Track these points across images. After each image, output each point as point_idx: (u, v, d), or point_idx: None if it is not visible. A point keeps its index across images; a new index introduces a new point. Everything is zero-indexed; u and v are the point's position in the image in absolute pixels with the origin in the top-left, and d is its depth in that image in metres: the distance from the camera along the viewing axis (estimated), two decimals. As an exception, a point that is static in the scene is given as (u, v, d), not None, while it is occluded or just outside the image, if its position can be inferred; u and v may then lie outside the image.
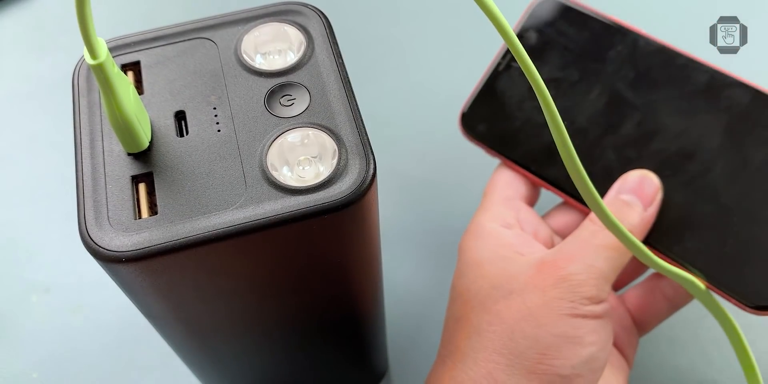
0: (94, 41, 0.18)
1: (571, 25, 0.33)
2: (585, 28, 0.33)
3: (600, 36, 0.33)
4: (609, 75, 0.32)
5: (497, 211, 0.31)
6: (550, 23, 0.33)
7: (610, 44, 0.33)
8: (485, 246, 0.30)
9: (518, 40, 0.20)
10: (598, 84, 0.32)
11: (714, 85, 0.31)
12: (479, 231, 0.31)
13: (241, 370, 0.29)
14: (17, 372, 0.36)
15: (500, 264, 0.29)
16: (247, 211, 0.20)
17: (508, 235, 0.30)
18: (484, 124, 0.34)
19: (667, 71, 0.32)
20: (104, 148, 0.21)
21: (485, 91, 0.34)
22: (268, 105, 0.22)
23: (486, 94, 0.34)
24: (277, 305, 0.24)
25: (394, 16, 0.49)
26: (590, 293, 0.27)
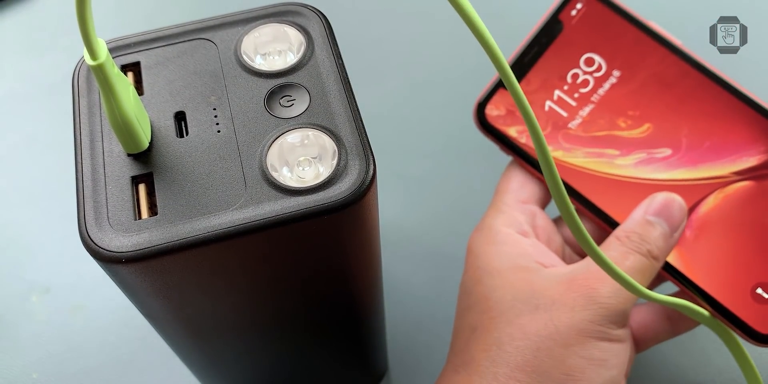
0: (94, 42, 0.18)
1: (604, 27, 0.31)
2: (619, 32, 0.31)
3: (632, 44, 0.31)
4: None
5: (512, 216, 0.30)
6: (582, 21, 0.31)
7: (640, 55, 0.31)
8: (503, 253, 0.29)
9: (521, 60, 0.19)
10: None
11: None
12: (494, 236, 0.30)
13: (241, 370, 0.29)
14: (17, 372, 0.36)
15: (522, 274, 0.28)
16: (247, 212, 0.20)
17: (525, 243, 0.29)
18: (500, 118, 0.32)
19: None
20: (104, 149, 0.21)
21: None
22: (268, 106, 0.22)
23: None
24: (276, 306, 0.24)
25: (394, 16, 0.49)
26: (618, 318, 0.27)
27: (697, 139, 0.30)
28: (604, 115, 0.31)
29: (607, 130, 0.31)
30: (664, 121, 0.31)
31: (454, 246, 0.39)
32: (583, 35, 0.31)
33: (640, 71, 0.31)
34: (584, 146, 0.31)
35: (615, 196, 0.30)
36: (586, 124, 0.31)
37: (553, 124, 0.31)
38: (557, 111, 0.31)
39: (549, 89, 0.31)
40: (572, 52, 0.31)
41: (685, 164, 0.30)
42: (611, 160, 0.30)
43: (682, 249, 0.30)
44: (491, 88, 0.32)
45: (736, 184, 0.30)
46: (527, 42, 0.31)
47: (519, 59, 0.31)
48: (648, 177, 0.30)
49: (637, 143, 0.31)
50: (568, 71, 0.31)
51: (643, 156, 0.30)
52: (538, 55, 0.31)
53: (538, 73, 0.31)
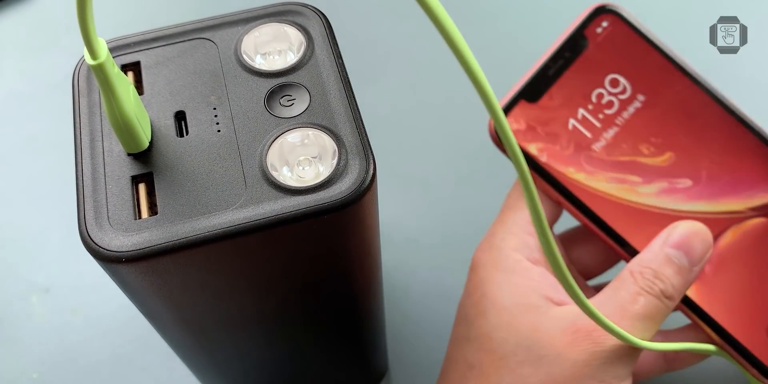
0: (95, 41, 0.18)
1: (626, 48, 0.30)
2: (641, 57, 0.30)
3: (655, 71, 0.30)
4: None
5: (523, 239, 0.28)
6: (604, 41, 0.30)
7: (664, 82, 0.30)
8: (511, 285, 0.27)
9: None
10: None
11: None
12: (503, 260, 0.28)
13: (241, 370, 0.29)
14: (17, 372, 0.36)
15: (529, 317, 0.27)
16: (247, 212, 0.20)
17: (535, 273, 0.28)
18: (520, 133, 0.30)
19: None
20: (104, 149, 0.21)
21: (527, 92, 0.30)
22: (268, 105, 0.22)
23: (527, 95, 0.30)
24: (276, 305, 0.24)
25: (394, 16, 0.49)
26: (623, 372, 0.26)
27: (716, 173, 0.30)
28: (627, 140, 0.30)
29: (630, 155, 0.30)
30: (685, 151, 0.30)
31: (454, 246, 0.39)
32: (608, 54, 0.30)
33: (663, 98, 0.30)
34: (607, 171, 0.29)
35: (637, 225, 0.29)
36: (610, 147, 0.30)
37: (576, 145, 0.29)
38: (581, 131, 0.30)
39: (573, 107, 0.30)
40: (597, 71, 0.30)
41: (705, 197, 0.30)
42: (634, 187, 0.29)
43: (699, 283, 0.29)
44: (511, 99, 0.29)
45: (752, 220, 0.29)
46: (551, 55, 0.30)
47: (542, 72, 0.30)
48: (669, 207, 0.29)
49: (659, 172, 0.30)
50: (592, 90, 0.30)
51: (665, 185, 0.30)
52: (562, 70, 0.30)
53: (562, 88, 0.30)
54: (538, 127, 0.29)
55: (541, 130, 0.29)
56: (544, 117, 0.29)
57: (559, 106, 0.30)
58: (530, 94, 0.29)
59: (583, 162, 0.30)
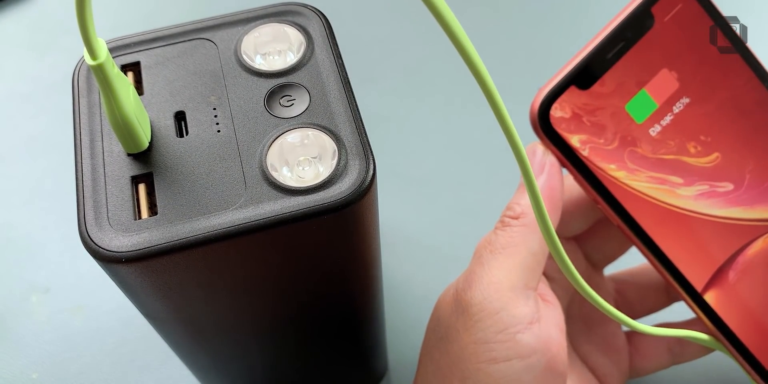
0: (94, 42, 0.18)
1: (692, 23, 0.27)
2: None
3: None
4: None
5: (531, 281, 0.26)
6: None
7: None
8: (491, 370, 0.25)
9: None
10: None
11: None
12: (492, 322, 0.25)
13: (241, 370, 0.29)
14: (17, 372, 0.36)
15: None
16: (247, 212, 0.20)
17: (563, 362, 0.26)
18: (564, 122, 0.26)
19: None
20: (104, 149, 0.21)
21: (579, 77, 0.25)
22: (268, 105, 0.22)
23: (579, 80, 0.26)
24: (276, 306, 0.24)
25: (394, 16, 0.49)
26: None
27: (760, 178, 0.28)
28: (675, 137, 0.27)
29: (675, 154, 0.27)
30: (733, 152, 0.28)
31: (454, 246, 0.39)
32: (673, 37, 0.26)
33: (720, 91, 0.27)
34: (649, 170, 0.27)
35: (669, 229, 0.27)
36: (656, 143, 0.27)
37: (621, 139, 0.26)
38: (630, 124, 0.26)
39: (625, 96, 0.26)
40: (658, 57, 0.26)
41: (743, 203, 0.28)
42: (673, 188, 0.27)
43: (722, 291, 0.28)
44: (560, 82, 0.25)
45: None
46: (611, 32, 0.25)
47: (600, 53, 0.25)
48: (705, 212, 0.28)
49: (702, 173, 0.28)
50: (649, 79, 0.26)
51: (705, 188, 0.28)
52: (622, 53, 0.26)
53: (617, 74, 0.26)
54: (585, 116, 0.26)
55: (587, 120, 0.26)
56: (592, 106, 0.26)
57: (610, 94, 0.26)
58: (583, 78, 0.26)
59: (626, 159, 0.27)
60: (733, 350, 0.28)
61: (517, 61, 0.46)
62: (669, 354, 0.31)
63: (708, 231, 0.28)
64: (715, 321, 0.28)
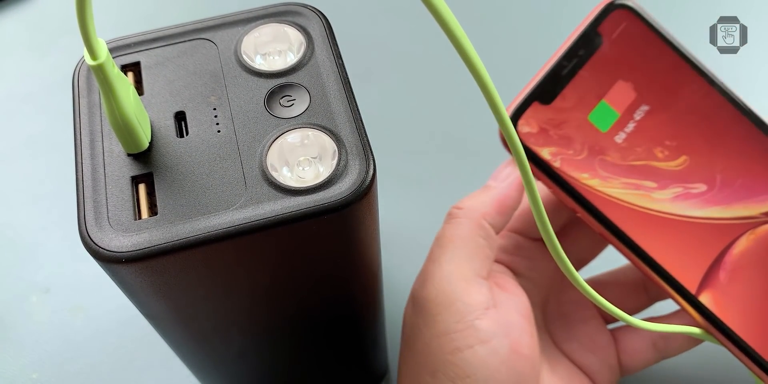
0: (95, 42, 0.18)
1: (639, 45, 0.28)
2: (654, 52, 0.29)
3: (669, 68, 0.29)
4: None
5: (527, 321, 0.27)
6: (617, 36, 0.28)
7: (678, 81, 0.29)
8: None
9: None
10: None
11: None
12: (454, 311, 0.26)
13: (241, 370, 0.29)
14: (17, 372, 0.36)
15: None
16: (247, 212, 0.20)
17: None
18: (532, 136, 0.28)
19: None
20: (104, 149, 0.21)
21: (540, 93, 0.28)
22: (268, 106, 0.22)
23: (540, 96, 0.28)
24: (276, 306, 0.24)
25: (394, 16, 0.49)
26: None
27: (731, 177, 0.29)
28: (642, 143, 0.29)
29: (644, 159, 0.28)
30: (700, 155, 0.29)
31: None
32: (622, 52, 0.28)
33: (677, 99, 0.29)
34: (621, 176, 0.28)
35: (652, 233, 0.28)
36: (624, 150, 0.28)
37: (590, 149, 0.28)
38: (595, 134, 0.28)
39: (587, 109, 0.28)
40: (612, 70, 0.28)
41: (719, 202, 0.29)
42: (648, 192, 0.28)
43: (717, 292, 0.28)
44: (523, 100, 0.27)
45: (765, 226, 0.29)
46: (564, 52, 0.28)
47: (555, 71, 0.28)
48: (684, 213, 0.29)
49: (673, 176, 0.29)
50: (607, 91, 0.28)
51: (680, 190, 0.29)
52: (577, 69, 0.28)
53: (576, 89, 0.28)
54: (551, 130, 0.28)
55: (554, 134, 0.28)
56: (557, 119, 0.28)
57: (572, 107, 0.28)
58: (544, 95, 0.28)
59: (597, 167, 0.28)
60: (731, 346, 0.29)
61: (518, 61, 0.46)
62: (654, 350, 0.31)
63: (691, 232, 0.28)
64: (712, 321, 0.28)
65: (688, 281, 0.28)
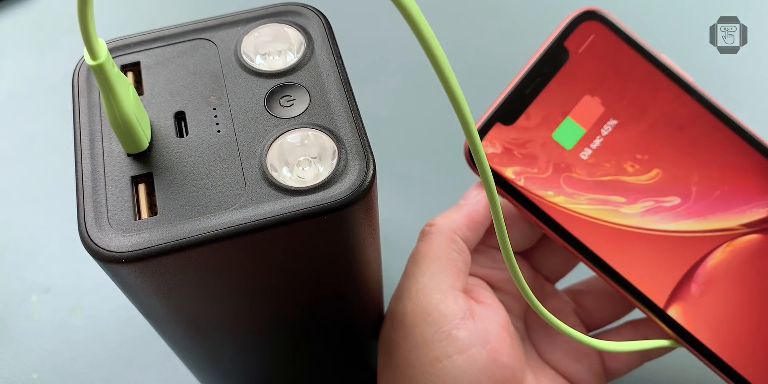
0: (95, 42, 0.18)
1: (611, 54, 0.28)
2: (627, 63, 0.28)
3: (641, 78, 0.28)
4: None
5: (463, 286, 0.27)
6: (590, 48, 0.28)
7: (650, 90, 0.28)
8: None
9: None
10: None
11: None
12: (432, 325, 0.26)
13: (240, 370, 0.29)
14: (17, 372, 0.36)
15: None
16: (247, 212, 0.20)
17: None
18: (496, 156, 0.28)
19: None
20: (104, 149, 0.21)
21: (502, 114, 0.28)
22: (268, 106, 0.22)
23: (502, 117, 0.28)
24: (276, 306, 0.24)
25: (394, 16, 0.49)
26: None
27: (708, 188, 0.28)
28: (610, 159, 0.28)
29: (613, 175, 0.28)
30: (675, 166, 0.28)
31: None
32: (591, 66, 0.28)
33: (650, 110, 0.28)
34: (588, 192, 0.28)
35: (620, 248, 0.28)
36: (591, 166, 0.28)
37: (555, 167, 0.28)
38: (560, 151, 0.28)
39: (552, 126, 0.28)
40: (578, 86, 0.28)
41: (694, 215, 0.28)
42: (617, 207, 0.28)
43: (687, 305, 0.28)
44: (485, 121, 0.28)
45: (744, 237, 0.28)
46: (528, 70, 0.28)
47: (519, 90, 0.28)
48: (655, 227, 0.28)
49: (644, 190, 0.28)
50: (572, 107, 0.28)
51: (651, 204, 0.28)
52: (541, 87, 0.28)
53: (540, 107, 0.28)
54: (515, 149, 0.28)
55: (518, 153, 0.28)
56: (521, 139, 0.28)
57: (536, 126, 0.28)
58: (506, 116, 0.28)
59: (562, 184, 0.28)
60: (701, 357, 0.28)
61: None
62: (637, 353, 0.31)
63: (662, 246, 0.28)
64: (681, 333, 0.28)
65: (656, 295, 0.28)
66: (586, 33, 0.28)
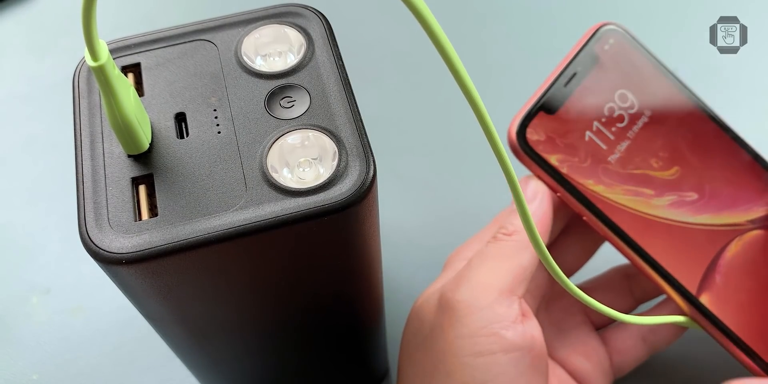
0: (96, 43, 0.18)
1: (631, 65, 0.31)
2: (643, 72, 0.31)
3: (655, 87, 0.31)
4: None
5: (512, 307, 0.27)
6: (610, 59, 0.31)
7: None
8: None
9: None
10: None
11: None
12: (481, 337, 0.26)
13: (241, 371, 0.29)
14: (17, 373, 0.36)
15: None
16: (248, 213, 0.20)
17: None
18: (541, 144, 0.29)
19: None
20: (104, 150, 0.21)
21: (545, 104, 0.29)
22: (269, 107, 0.22)
23: (546, 107, 0.29)
24: (277, 307, 0.24)
25: (394, 17, 0.49)
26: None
27: (718, 187, 0.31)
28: (639, 153, 0.31)
29: (642, 168, 0.31)
30: (690, 166, 0.31)
31: (454, 247, 0.39)
32: (616, 71, 0.31)
33: (667, 116, 0.31)
34: (622, 183, 0.30)
35: (654, 237, 0.30)
36: (623, 160, 0.30)
37: (593, 157, 0.30)
38: (597, 143, 0.30)
39: (588, 119, 0.30)
40: (608, 86, 0.31)
41: (710, 210, 0.31)
42: (648, 199, 0.30)
43: (713, 293, 0.30)
44: (531, 109, 0.29)
45: (752, 232, 0.31)
46: (564, 68, 0.30)
47: (557, 85, 0.30)
48: (680, 219, 0.30)
49: (668, 185, 0.31)
50: (605, 104, 0.30)
51: (675, 198, 0.31)
52: (577, 84, 0.30)
53: (577, 102, 0.30)
54: (557, 138, 0.29)
55: (560, 142, 0.29)
56: (562, 129, 0.29)
57: (575, 118, 0.30)
58: (549, 105, 0.29)
59: (600, 174, 0.30)
60: (726, 341, 0.30)
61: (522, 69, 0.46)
62: (644, 344, 0.31)
63: (688, 237, 0.30)
64: (711, 319, 0.30)
65: (688, 282, 0.30)
66: (610, 41, 0.31)
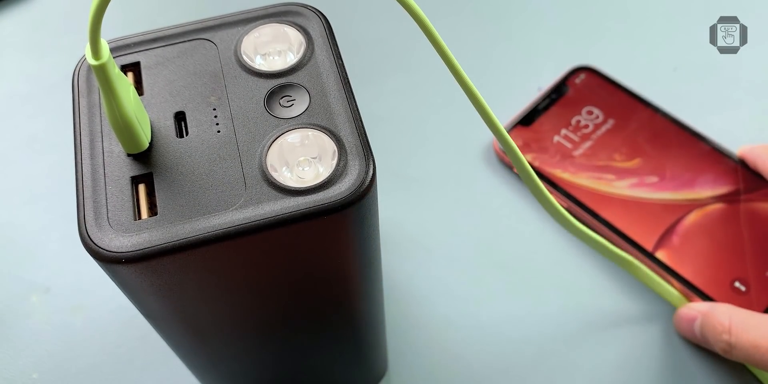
0: (100, 41, 0.18)
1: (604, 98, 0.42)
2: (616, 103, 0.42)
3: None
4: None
5: None
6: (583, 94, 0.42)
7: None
8: None
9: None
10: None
11: None
12: None
13: (241, 370, 0.29)
14: (17, 372, 0.36)
15: None
16: (247, 212, 0.20)
17: None
18: (522, 148, 0.40)
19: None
20: (104, 149, 0.21)
21: (523, 120, 0.41)
22: (268, 106, 0.22)
23: (523, 122, 0.41)
24: (276, 306, 0.24)
25: (394, 16, 0.49)
26: None
27: (677, 173, 0.39)
28: (602, 150, 0.40)
29: (605, 161, 0.40)
30: (651, 157, 0.40)
31: (453, 246, 0.39)
32: (585, 95, 0.42)
33: (629, 123, 0.41)
34: (587, 171, 0.40)
35: (614, 210, 0.39)
36: (587, 155, 0.40)
37: (561, 153, 0.41)
38: (563, 143, 0.41)
39: (557, 128, 0.41)
40: (576, 105, 0.42)
41: (670, 189, 0.39)
42: (609, 182, 0.39)
43: (672, 252, 0.37)
44: (511, 124, 0.42)
45: (712, 205, 0.39)
46: (540, 96, 0.42)
47: (534, 108, 0.42)
48: (639, 196, 0.39)
49: (630, 171, 0.39)
50: (572, 117, 0.42)
51: (635, 181, 0.39)
52: (549, 106, 0.42)
53: (549, 118, 0.42)
54: (532, 143, 0.41)
55: (533, 146, 0.41)
56: (535, 137, 0.41)
57: (547, 129, 0.41)
58: (525, 121, 0.42)
59: (567, 165, 0.40)
60: (680, 286, 0.37)
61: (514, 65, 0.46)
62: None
63: (646, 209, 0.39)
64: (667, 270, 0.37)
65: (645, 242, 0.38)
66: (581, 76, 0.43)
